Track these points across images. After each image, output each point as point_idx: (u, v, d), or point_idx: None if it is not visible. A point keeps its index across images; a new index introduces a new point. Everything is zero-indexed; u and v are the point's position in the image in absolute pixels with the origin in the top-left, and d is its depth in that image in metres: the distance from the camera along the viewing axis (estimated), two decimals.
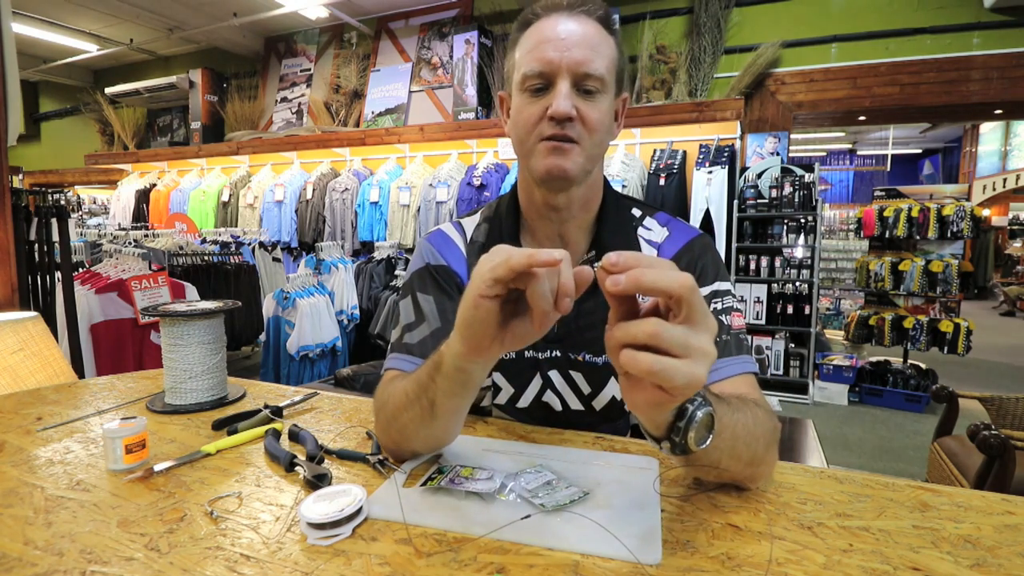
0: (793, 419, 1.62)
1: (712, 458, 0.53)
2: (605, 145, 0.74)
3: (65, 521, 0.53)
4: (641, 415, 0.49)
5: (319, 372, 3.20)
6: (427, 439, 0.64)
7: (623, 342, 0.42)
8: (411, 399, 0.61)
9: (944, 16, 3.63)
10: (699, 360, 0.41)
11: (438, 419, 0.60)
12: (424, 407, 0.60)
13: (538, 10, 0.72)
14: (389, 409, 0.65)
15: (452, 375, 0.55)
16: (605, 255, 0.42)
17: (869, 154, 11.96)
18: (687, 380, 0.40)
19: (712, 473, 0.57)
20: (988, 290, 9.74)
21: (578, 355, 0.77)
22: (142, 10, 4.93)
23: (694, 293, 0.41)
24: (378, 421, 0.68)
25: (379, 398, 0.69)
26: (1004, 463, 1.52)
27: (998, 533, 0.51)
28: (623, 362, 0.41)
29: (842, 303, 7.09)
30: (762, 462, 0.58)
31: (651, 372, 0.40)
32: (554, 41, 0.68)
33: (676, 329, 0.40)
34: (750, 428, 0.56)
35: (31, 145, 7.34)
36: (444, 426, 0.62)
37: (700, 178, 3.63)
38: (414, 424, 0.62)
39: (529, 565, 0.46)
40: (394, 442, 0.65)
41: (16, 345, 1.24)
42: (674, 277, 0.40)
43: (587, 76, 0.68)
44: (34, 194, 2.02)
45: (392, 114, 4.82)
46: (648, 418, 0.49)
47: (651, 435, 0.51)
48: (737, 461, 0.55)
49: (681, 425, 0.47)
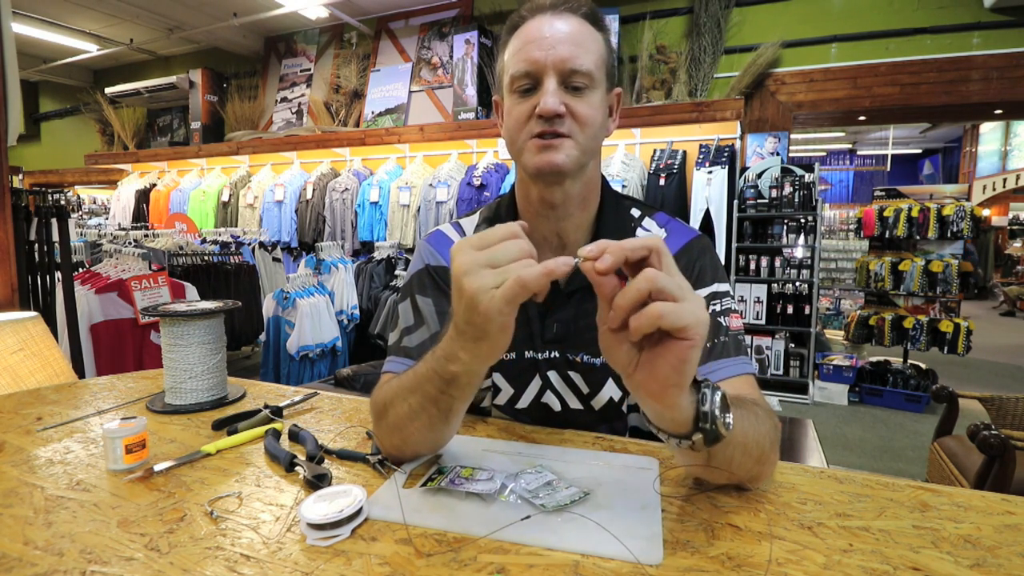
0: (793, 419, 1.62)
1: (727, 454, 0.53)
2: (599, 139, 0.74)
3: (65, 521, 0.53)
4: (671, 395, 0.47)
5: (319, 372, 3.20)
6: (433, 442, 0.64)
7: (628, 308, 0.43)
8: (415, 410, 0.60)
9: (944, 16, 3.63)
10: (694, 301, 0.44)
11: (451, 424, 0.62)
12: (433, 415, 0.59)
13: (524, 12, 0.72)
14: (391, 419, 0.63)
15: (468, 384, 0.56)
16: (579, 250, 0.45)
17: (869, 154, 11.96)
18: (695, 318, 0.43)
19: (724, 474, 0.56)
20: (988, 290, 9.74)
21: (577, 356, 0.77)
22: (142, 10, 4.93)
23: (663, 245, 0.45)
24: (378, 426, 0.67)
25: (378, 402, 0.67)
26: (1004, 463, 1.52)
27: (998, 533, 0.51)
28: (635, 326, 0.43)
29: (842, 303, 7.09)
30: (768, 460, 0.58)
31: (662, 316, 0.42)
32: (539, 40, 0.68)
33: (669, 277, 0.44)
34: (756, 425, 0.56)
35: (31, 145, 7.34)
36: (450, 427, 0.63)
37: (700, 178, 3.63)
38: (421, 432, 0.62)
39: (529, 565, 0.46)
40: (396, 447, 0.65)
41: (16, 345, 1.24)
42: (643, 239, 0.45)
43: (574, 72, 0.68)
44: (34, 194, 2.02)
45: (392, 114, 4.81)
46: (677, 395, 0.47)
47: (675, 435, 0.50)
48: (748, 457, 0.55)
49: (706, 409, 0.48)
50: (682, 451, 0.53)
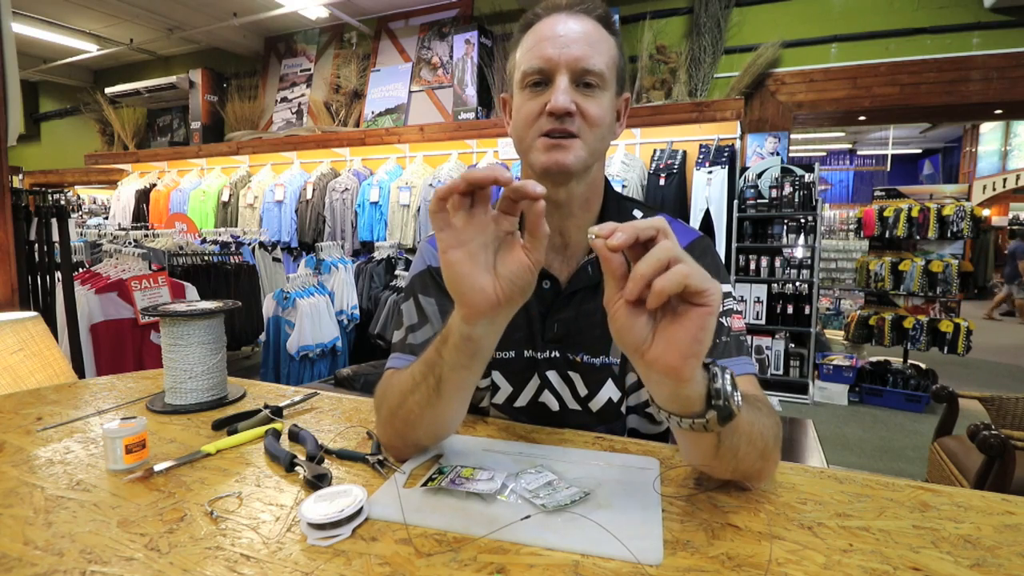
0: (793, 419, 1.62)
1: (733, 443, 0.52)
2: (606, 142, 0.75)
3: (65, 521, 0.53)
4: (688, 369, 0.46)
5: (319, 372, 3.20)
6: (431, 424, 0.63)
7: (649, 273, 0.44)
8: (417, 381, 0.61)
9: (944, 16, 3.63)
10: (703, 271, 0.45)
11: (443, 397, 0.60)
12: (431, 386, 0.59)
13: (539, 11, 0.73)
14: (392, 399, 0.64)
15: (460, 345, 0.56)
16: (590, 229, 0.46)
17: (869, 154, 11.97)
18: (714, 284, 0.44)
19: (727, 468, 0.56)
20: (988, 290, 9.74)
21: (576, 356, 0.78)
22: (142, 10, 4.93)
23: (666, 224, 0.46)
24: (379, 416, 0.67)
25: (380, 394, 0.68)
26: (1004, 463, 1.52)
27: (998, 533, 0.51)
28: (659, 287, 0.43)
29: (842, 303, 7.09)
30: (770, 456, 0.58)
31: (688, 275, 0.43)
32: (552, 39, 0.69)
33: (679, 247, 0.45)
34: (760, 418, 0.57)
35: (31, 145, 7.34)
36: (449, 407, 0.62)
37: (700, 178, 3.63)
38: (419, 407, 0.61)
39: (529, 565, 0.46)
40: (397, 433, 0.65)
41: (16, 345, 1.24)
42: (650, 220, 0.46)
43: (586, 72, 0.69)
44: (34, 194, 2.02)
45: (392, 114, 4.82)
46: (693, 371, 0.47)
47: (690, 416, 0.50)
48: (752, 449, 0.55)
49: (718, 386, 0.48)
50: (692, 440, 0.53)
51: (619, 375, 0.78)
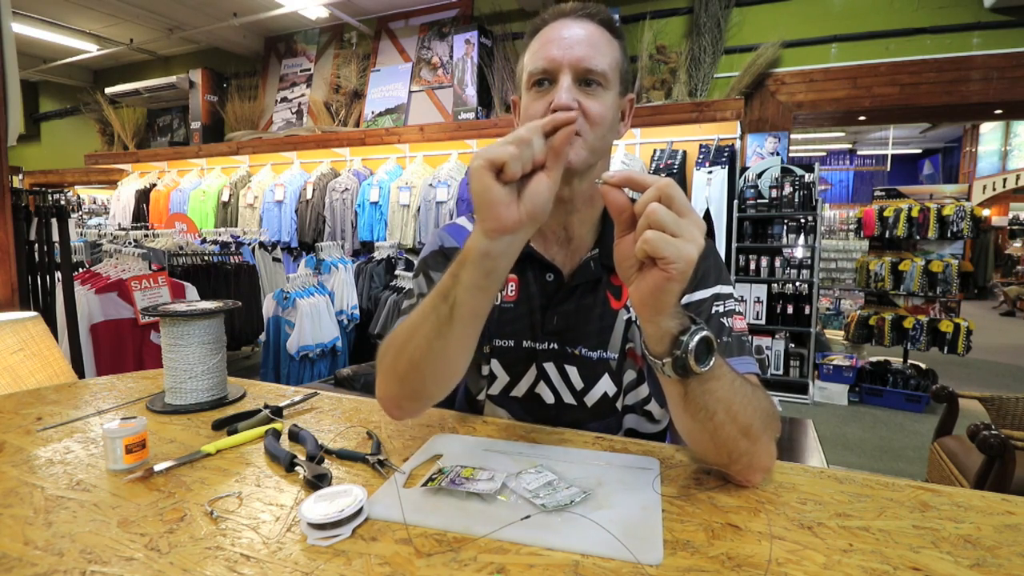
0: (793, 419, 1.62)
1: (705, 403, 0.56)
2: (609, 140, 0.77)
3: (65, 521, 0.53)
4: (648, 312, 0.54)
5: (319, 372, 3.20)
6: (439, 362, 0.64)
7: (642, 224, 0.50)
8: (426, 313, 0.62)
9: (944, 16, 3.63)
10: (689, 241, 0.49)
11: (455, 325, 0.61)
12: (443, 315, 0.61)
13: (546, 17, 0.77)
14: (399, 338, 0.66)
15: (478, 261, 0.58)
16: (603, 175, 0.53)
17: (869, 154, 11.96)
18: (678, 253, 0.49)
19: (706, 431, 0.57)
20: (988, 290, 9.73)
21: (574, 349, 0.79)
22: (142, 10, 4.93)
23: (673, 187, 0.50)
24: (381, 367, 0.69)
25: (384, 346, 0.70)
26: (1004, 463, 1.52)
27: (998, 533, 0.51)
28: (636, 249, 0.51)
29: (842, 303, 7.09)
30: (757, 439, 0.58)
31: (647, 241, 0.49)
32: (557, 41, 0.72)
33: (669, 212, 0.50)
34: (749, 395, 0.58)
35: (31, 145, 7.33)
36: (459, 342, 0.63)
37: (700, 178, 3.63)
38: (428, 341, 0.62)
39: (529, 565, 0.46)
40: (399, 380, 0.66)
41: (16, 345, 1.24)
42: (656, 177, 0.51)
43: (588, 72, 0.71)
44: (34, 194, 2.02)
45: (392, 114, 4.81)
46: (654, 315, 0.54)
47: (654, 356, 0.56)
48: (732, 422, 0.56)
49: (684, 339, 0.53)
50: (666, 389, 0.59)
51: (616, 371, 0.79)
